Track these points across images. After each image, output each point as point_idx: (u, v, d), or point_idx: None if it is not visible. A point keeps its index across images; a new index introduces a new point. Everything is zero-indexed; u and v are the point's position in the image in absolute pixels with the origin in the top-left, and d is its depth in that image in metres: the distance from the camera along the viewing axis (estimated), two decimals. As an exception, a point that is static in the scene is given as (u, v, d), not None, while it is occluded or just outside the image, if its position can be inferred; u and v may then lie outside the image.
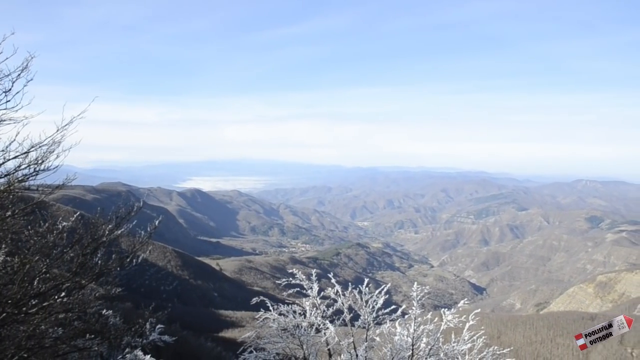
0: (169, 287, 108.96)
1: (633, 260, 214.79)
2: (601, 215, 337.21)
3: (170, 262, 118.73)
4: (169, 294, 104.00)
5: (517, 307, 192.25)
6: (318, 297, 9.76)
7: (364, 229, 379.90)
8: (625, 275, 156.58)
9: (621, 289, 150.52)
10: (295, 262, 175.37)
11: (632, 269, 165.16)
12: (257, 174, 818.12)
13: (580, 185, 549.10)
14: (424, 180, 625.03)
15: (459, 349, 9.39)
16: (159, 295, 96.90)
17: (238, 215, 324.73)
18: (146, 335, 10.81)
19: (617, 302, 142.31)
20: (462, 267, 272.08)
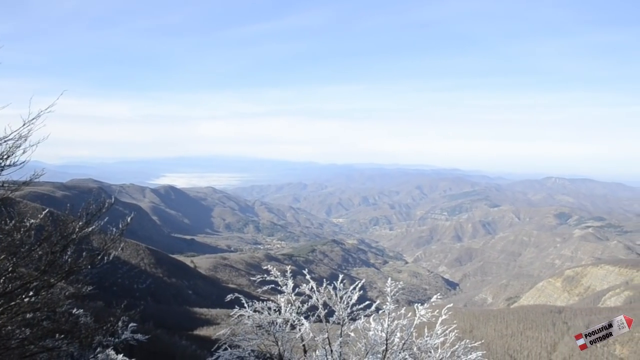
0: (142, 285, 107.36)
1: (598, 254, 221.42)
2: (569, 212, 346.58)
3: (143, 259, 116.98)
4: (142, 292, 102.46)
5: (489, 301, 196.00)
6: (293, 294, 9.76)
7: (339, 226, 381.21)
8: (591, 270, 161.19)
9: (587, 282, 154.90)
10: (271, 259, 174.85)
11: (597, 264, 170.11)
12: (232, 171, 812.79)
13: (550, 182, 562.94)
14: (399, 177, 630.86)
15: (432, 343, 9.52)
16: (132, 294, 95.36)
17: (213, 212, 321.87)
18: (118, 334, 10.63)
19: (584, 296, 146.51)
20: (436, 263, 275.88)
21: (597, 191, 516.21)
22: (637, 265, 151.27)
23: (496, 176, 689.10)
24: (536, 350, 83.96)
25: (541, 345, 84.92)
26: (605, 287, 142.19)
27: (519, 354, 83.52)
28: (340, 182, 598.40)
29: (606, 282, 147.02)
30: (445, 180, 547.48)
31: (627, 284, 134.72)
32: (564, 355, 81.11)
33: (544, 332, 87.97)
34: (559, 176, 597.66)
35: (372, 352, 9.19)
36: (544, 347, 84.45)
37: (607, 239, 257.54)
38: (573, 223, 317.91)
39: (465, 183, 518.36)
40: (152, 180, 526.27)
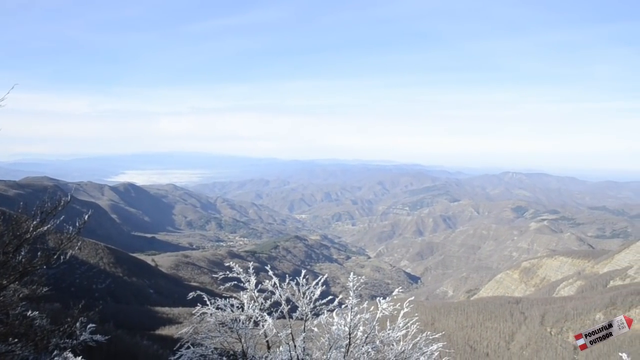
0: (102, 285, 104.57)
1: (553, 246, 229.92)
2: (526, 206, 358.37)
3: (102, 259, 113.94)
4: (101, 293, 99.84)
5: (450, 294, 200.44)
6: (256, 290, 9.74)
7: (302, 222, 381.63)
8: (546, 261, 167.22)
9: (542, 273, 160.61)
10: (234, 256, 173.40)
11: (552, 255, 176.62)
12: (193, 167, 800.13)
13: (507, 177, 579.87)
14: (361, 173, 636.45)
15: (394, 336, 9.70)
16: (90, 294, 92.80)
17: (174, 210, 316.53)
18: (76, 335, 10.33)
19: (539, 286, 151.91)
20: (398, 257, 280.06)
21: (551, 185, 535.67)
22: (588, 256, 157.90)
23: (456, 171, 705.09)
24: (495, 340, 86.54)
25: (500, 335, 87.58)
26: (559, 277, 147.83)
27: (478, 345, 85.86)
28: (303, 178, 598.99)
29: (560, 272, 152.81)
30: (406, 175, 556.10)
31: (579, 274, 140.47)
32: (521, 344, 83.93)
33: (502, 322, 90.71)
34: (516, 171, 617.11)
35: (336, 347, 9.28)
36: (502, 337, 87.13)
37: (561, 231, 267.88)
38: (529, 216, 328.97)
39: (426, 178, 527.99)
40: (111, 178, 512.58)
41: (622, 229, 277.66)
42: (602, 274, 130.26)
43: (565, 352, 78.14)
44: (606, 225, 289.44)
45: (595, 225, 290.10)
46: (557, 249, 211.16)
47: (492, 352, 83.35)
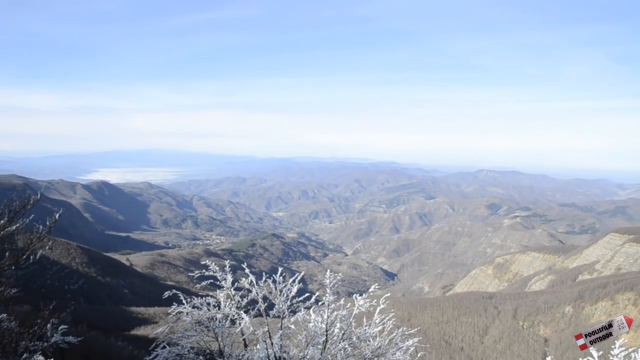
0: (74, 285, 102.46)
1: (525, 242, 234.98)
2: (499, 203, 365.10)
3: (75, 259, 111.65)
4: (74, 293, 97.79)
5: (426, 290, 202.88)
6: (232, 288, 9.68)
7: (279, 220, 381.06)
8: (519, 257, 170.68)
9: (515, 269, 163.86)
10: (210, 255, 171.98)
11: (524, 251, 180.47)
12: (168, 165, 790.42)
13: (481, 174, 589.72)
14: (337, 170, 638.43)
15: (371, 332, 9.76)
16: (62, 295, 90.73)
17: (149, 208, 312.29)
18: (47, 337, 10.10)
19: (512, 281, 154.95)
20: (375, 254, 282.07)
21: (523, 182, 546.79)
22: (558, 251, 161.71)
23: (432, 169, 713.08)
24: (470, 334, 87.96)
25: (474, 329, 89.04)
26: (531, 272, 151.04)
27: (453, 339, 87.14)
28: (280, 176, 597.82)
29: (532, 268, 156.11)
30: (383, 173, 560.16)
31: (550, 269, 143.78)
32: (494, 338, 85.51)
33: (476, 317, 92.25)
34: (490, 169, 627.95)
35: (313, 344, 9.30)
36: (476, 331, 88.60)
37: (533, 227, 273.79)
38: (503, 213, 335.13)
39: (403, 176, 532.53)
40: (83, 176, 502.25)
41: (591, 225, 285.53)
42: (571, 268, 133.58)
43: (536, 344, 79.93)
44: (575, 221, 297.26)
45: (565, 222, 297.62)
46: (529, 245, 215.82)
47: (467, 346, 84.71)
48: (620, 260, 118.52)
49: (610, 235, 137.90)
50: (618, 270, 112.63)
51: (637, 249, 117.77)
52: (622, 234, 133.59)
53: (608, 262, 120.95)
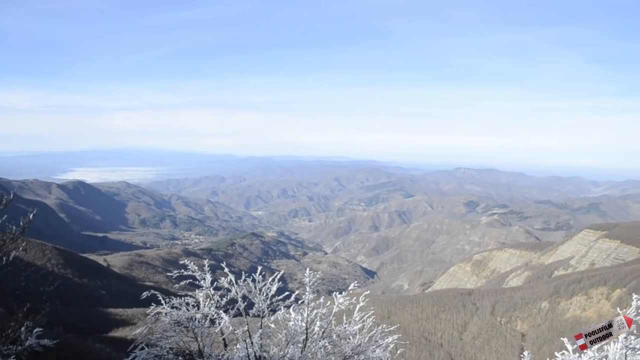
0: (50, 287, 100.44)
1: (503, 239, 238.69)
2: (477, 200, 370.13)
3: (50, 260, 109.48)
4: (49, 295, 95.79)
5: (405, 287, 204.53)
6: (212, 288, 9.63)
7: (258, 219, 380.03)
8: (496, 254, 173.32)
9: (493, 265, 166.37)
10: (189, 254, 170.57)
11: (501, 248, 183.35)
12: (146, 164, 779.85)
13: (459, 172, 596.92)
14: (317, 169, 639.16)
15: (351, 330, 9.83)
16: (38, 297, 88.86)
17: (127, 208, 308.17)
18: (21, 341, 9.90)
19: (490, 278, 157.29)
20: (355, 252, 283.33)
21: (501, 180, 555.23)
22: (534, 248, 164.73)
23: (410, 167, 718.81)
24: (449, 331, 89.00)
25: (453, 326, 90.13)
26: (508, 269, 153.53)
27: (433, 336, 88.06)
28: (259, 175, 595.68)
29: (509, 264, 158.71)
30: (362, 171, 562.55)
31: (527, 265, 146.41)
32: (473, 334, 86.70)
33: (455, 313, 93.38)
34: (468, 167, 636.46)
35: (293, 342, 9.32)
36: (455, 327, 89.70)
37: (510, 224, 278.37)
38: (480, 210, 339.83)
39: (382, 174, 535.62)
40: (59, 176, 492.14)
41: (565, 221, 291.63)
42: (547, 264, 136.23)
43: (514, 339, 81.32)
44: (551, 218, 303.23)
45: (541, 219, 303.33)
46: (506, 242, 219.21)
47: (446, 343, 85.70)
48: (594, 255, 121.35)
49: (585, 232, 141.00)
50: (592, 266, 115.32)
51: (609, 245, 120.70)
52: (595, 230, 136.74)
53: (582, 257, 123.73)
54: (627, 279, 78.61)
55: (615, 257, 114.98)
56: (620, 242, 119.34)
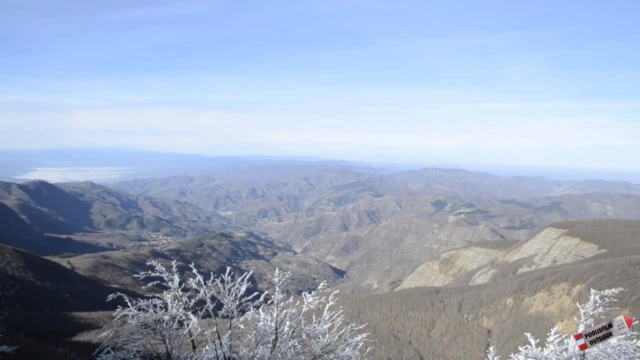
0: (10, 292, 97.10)
1: (469, 238, 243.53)
2: (444, 200, 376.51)
3: (10, 263, 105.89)
4: (9, 300, 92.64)
5: (375, 286, 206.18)
6: (180, 289, 9.53)
7: (227, 219, 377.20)
8: (463, 252, 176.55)
9: (460, 264, 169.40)
10: (157, 256, 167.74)
11: (468, 246, 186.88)
12: (112, 164, 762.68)
13: (427, 172, 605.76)
14: (286, 169, 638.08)
15: (320, 329, 9.89)
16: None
17: (92, 209, 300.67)
18: (-20, 346, 9.59)
19: (457, 276, 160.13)
20: (324, 252, 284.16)
21: (467, 180, 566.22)
22: (500, 246, 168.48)
23: (379, 167, 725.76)
24: (417, 329, 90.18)
25: (421, 324, 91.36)
26: (475, 267, 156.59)
27: (402, 334, 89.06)
28: (228, 175, 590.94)
29: (476, 262, 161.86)
30: (331, 171, 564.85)
31: (492, 263, 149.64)
32: (441, 331, 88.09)
33: (423, 311, 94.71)
34: (435, 167, 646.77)
35: (263, 342, 9.31)
36: (424, 325, 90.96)
37: (476, 223, 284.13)
38: (448, 210, 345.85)
39: (351, 174, 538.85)
40: (20, 175, 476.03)
41: (529, 220, 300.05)
42: (512, 262, 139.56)
43: (480, 336, 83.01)
44: (515, 217, 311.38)
45: (506, 217, 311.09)
46: (472, 240, 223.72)
47: (415, 340, 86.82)
48: (555, 253, 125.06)
49: (547, 230, 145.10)
50: (554, 263, 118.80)
51: (570, 242, 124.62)
52: (557, 229, 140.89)
53: (545, 255, 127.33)
54: (586, 274, 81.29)
55: (575, 254, 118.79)
56: (580, 239, 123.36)
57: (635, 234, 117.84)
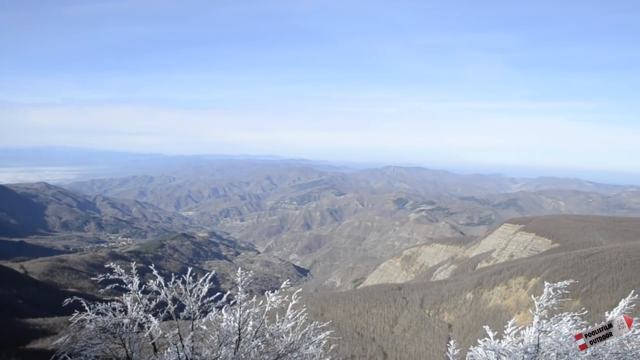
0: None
1: (430, 235, 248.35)
2: (406, 197, 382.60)
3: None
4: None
5: (338, 284, 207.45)
6: (140, 291, 9.35)
7: (189, 219, 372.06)
8: (425, 249, 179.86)
9: (421, 260, 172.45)
10: (116, 258, 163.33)
11: (429, 243, 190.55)
12: (68, 164, 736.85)
13: (389, 171, 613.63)
14: (248, 168, 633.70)
15: (284, 328, 9.89)
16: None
17: (46, 211, 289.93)
18: None
19: (419, 272, 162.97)
20: (287, 251, 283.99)
21: (428, 178, 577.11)
22: (460, 242, 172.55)
23: (342, 165, 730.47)
24: (380, 325, 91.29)
25: (384, 320, 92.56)
26: (436, 263, 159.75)
27: (365, 330, 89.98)
28: (189, 174, 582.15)
29: (437, 258, 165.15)
30: (293, 170, 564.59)
31: (453, 259, 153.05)
32: (403, 327, 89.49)
33: (386, 308, 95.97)
34: (397, 165, 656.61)
35: (226, 343, 9.24)
36: (387, 321, 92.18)
37: (437, 220, 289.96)
38: (409, 207, 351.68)
39: (313, 173, 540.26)
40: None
41: (487, 216, 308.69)
42: (471, 257, 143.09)
43: (441, 330, 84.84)
44: (474, 213, 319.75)
45: (466, 214, 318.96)
46: (433, 237, 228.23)
47: (378, 337, 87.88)
48: (512, 248, 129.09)
49: (504, 226, 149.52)
50: (511, 257, 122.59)
51: (526, 237, 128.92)
52: (514, 224, 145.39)
53: (502, 250, 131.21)
54: (541, 268, 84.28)
55: (531, 248, 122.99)
56: (535, 234, 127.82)
57: (585, 229, 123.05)
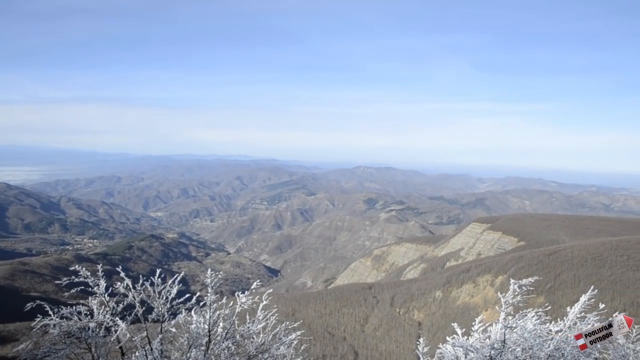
0: None
1: (400, 234, 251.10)
2: (376, 197, 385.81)
3: None
4: None
5: (309, 284, 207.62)
6: (106, 294, 9.13)
7: (158, 220, 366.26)
8: (395, 248, 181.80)
9: (392, 259, 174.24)
10: (82, 260, 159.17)
11: (399, 242, 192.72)
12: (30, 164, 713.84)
13: (359, 171, 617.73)
14: (218, 168, 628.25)
15: (254, 329, 9.83)
16: None
17: (7, 212, 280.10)
18: None
19: (389, 271, 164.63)
20: (258, 251, 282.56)
21: (397, 178, 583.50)
22: (429, 241, 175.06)
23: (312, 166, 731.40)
24: (351, 324, 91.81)
25: (355, 319, 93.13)
26: (406, 262, 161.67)
27: (336, 330, 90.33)
28: (158, 174, 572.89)
29: (406, 257, 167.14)
30: (264, 170, 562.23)
31: (422, 257, 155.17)
32: (374, 326, 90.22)
33: (357, 307, 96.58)
34: (367, 165, 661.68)
35: (196, 346, 9.11)
36: (357, 320, 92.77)
37: (406, 220, 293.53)
38: (379, 207, 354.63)
39: (284, 173, 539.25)
40: None
41: (456, 215, 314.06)
42: (440, 256, 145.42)
43: (411, 328, 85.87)
44: (443, 213, 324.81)
45: (435, 214, 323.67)
46: (403, 237, 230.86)
47: (349, 336, 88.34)
48: (480, 246, 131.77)
49: (472, 225, 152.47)
50: (479, 256, 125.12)
51: (493, 236, 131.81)
52: (481, 223, 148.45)
53: (471, 248, 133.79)
54: (507, 266, 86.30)
55: (498, 247, 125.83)
56: (502, 233, 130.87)
57: (549, 227, 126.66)
